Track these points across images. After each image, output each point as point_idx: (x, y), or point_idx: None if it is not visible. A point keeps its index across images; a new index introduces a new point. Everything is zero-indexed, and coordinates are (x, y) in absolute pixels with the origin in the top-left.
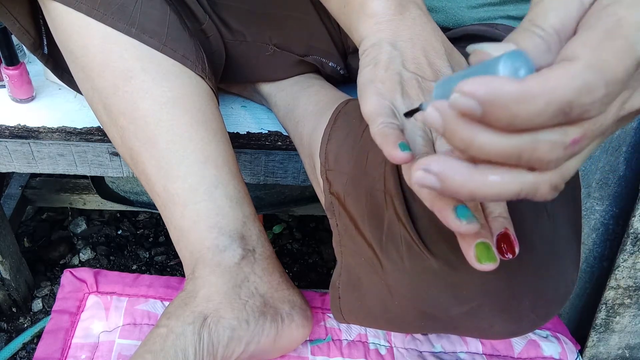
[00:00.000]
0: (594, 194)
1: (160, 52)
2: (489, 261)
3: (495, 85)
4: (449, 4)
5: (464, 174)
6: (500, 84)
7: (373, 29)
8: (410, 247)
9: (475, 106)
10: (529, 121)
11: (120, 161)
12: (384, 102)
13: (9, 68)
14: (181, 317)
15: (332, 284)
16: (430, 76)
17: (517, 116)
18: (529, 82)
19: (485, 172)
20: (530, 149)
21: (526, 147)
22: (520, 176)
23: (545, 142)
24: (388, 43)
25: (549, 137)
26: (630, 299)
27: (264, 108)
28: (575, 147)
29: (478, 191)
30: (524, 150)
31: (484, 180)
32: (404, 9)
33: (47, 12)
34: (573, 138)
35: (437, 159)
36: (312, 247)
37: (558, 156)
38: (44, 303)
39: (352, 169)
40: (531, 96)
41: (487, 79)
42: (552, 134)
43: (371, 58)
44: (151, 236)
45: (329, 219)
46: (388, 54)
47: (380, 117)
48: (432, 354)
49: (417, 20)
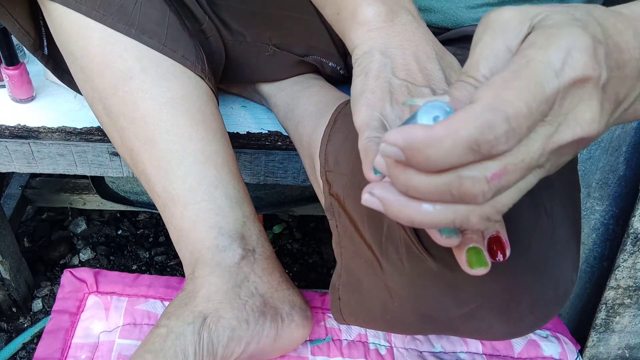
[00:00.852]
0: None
1: (160, 52)
2: (479, 266)
3: (408, 132)
4: (447, 5)
5: (400, 202)
6: (413, 130)
7: (364, 37)
8: (409, 249)
9: (399, 153)
10: (444, 160)
11: (120, 161)
12: (373, 114)
13: (9, 68)
14: (181, 317)
15: (332, 285)
16: (421, 82)
17: (430, 157)
18: (436, 127)
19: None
20: (457, 185)
21: (452, 184)
22: (451, 206)
23: (467, 178)
24: (378, 51)
25: (469, 173)
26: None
27: (264, 108)
28: (499, 180)
29: (414, 218)
30: (452, 187)
31: (418, 208)
32: (395, 15)
33: (47, 13)
34: (493, 172)
35: (379, 185)
36: (312, 247)
37: (483, 189)
38: (44, 303)
39: (351, 170)
40: (438, 139)
41: (405, 127)
42: (471, 170)
43: (362, 67)
44: (151, 236)
45: (329, 220)
46: (378, 62)
47: (367, 131)
48: (432, 354)
49: (407, 26)
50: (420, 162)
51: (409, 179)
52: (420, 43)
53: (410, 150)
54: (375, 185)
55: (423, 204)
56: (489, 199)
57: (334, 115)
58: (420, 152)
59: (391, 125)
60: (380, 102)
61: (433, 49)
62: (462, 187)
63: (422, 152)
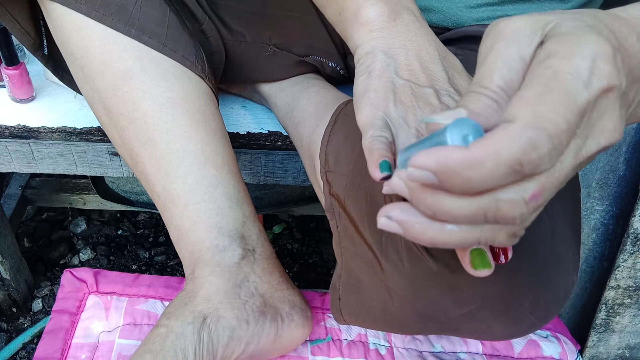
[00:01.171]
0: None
1: (160, 52)
2: (483, 267)
3: (443, 155)
4: (448, 5)
5: (422, 224)
6: (448, 153)
7: (367, 37)
8: (410, 249)
9: (431, 177)
10: (483, 183)
11: (120, 161)
12: (377, 113)
13: (9, 68)
14: (181, 317)
15: (332, 285)
16: (424, 82)
17: (470, 181)
18: (473, 148)
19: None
20: (494, 209)
21: (489, 207)
22: (478, 226)
23: (506, 200)
24: (381, 51)
25: (508, 195)
26: (630, 299)
27: (264, 108)
28: (536, 201)
29: (437, 239)
30: (488, 211)
31: (442, 229)
32: (397, 16)
33: (46, 13)
34: (532, 193)
35: (397, 208)
36: (312, 247)
37: (522, 212)
38: (44, 303)
39: (352, 170)
40: (478, 161)
41: (436, 150)
42: (510, 192)
43: (365, 67)
44: (151, 236)
45: (329, 220)
46: (381, 62)
47: (371, 130)
48: (432, 354)
49: (410, 26)
50: (456, 186)
51: (438, 203)
52: (423, 43)
53: (446, 174)
54: (393, 207)
55: (447, 225)
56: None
57: (334, 116)
58: (458, 176)
59: (394, 125)
60: (383, 101)
61: (436, 49)
62: (499, 210)
63: (460, 175)
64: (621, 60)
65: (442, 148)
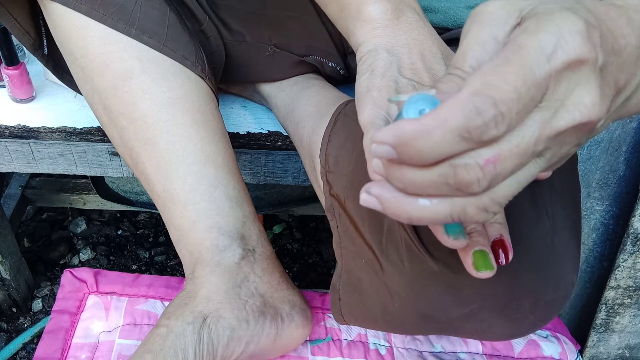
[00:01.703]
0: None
1: (160, 52)
2: (485, 269)
3: (397, 128)
4: (448, 5)
5: (397, 198)
6: (401, 125)
7: (369, 35)
8: (410, 249)
9: (390, 150)
10: (436, 151)
11: (120, 161)
12: (379, 112)
13: (9, 68)
14: (181, 317)
15: (332, 285)
16: (427, 81)
17: (422, 150)
18: (424, 118)
19: (415, 197)
20: (452, 174)
21: (447, 174)
22: (448, 200)
23: (461, 166)
24: (384, 49)
25: (462, 160)
26: (630, 299)
27: (264, 108)
28: (494, 166)
29: (412, 214)
30: (447, 177)
31: (415, 204)
32: (401, 14)
33: (46, 13)
34: (486, 158)
35: (376, 184)
36: (312, 247)
37: (478, 176)
38: (44, 303)
39: (352, 171)
40: (427, 130)
41: (392, 125)
42: (465, 158)
43: (368, 65)
44: (151, 236)
45: (329, 220)
46: (384, 60)
47: (372, 129)
48: (432, 354)
49: (413, 24)
50: (412, 157)
51: (404, 175)
52: (426, 42)
53: (400, 146)
54: (373, 184)
55: (420, 199)
56: (485, 186)
57: (334, 116)
58: (411, 146)
59: None
60: (386, 101)
61: (439, 48)
62: (456, 175)
63: (412, 145)
64: (600, 37)
65: (398, 122)
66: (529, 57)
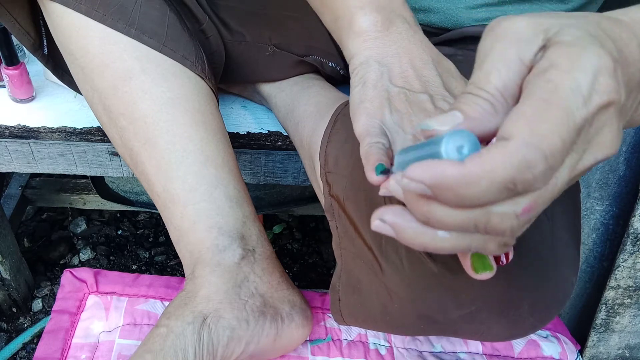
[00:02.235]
0: (594, 194)
1: (160, 52)
2: (485, 270)
3: (438, 170)
4: (447, 5)
5: (414, 228)
6: (442, 169)
7: (361, 47)
8: (409, 250)
9: (425, 189)
10: (477, 199)
11: (120, 161)
12: (373, 121)
13: (9, 68)
14: (181, 317)
15: (332, 286)
16: (418, 88)
17: (463, 196)
18: (469, 165)
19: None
20: (485, 221)
21: (480, 219)
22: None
23: (497, 214)
24: (375, 61)
25: (500, 209)
26: (630, 299)
27: (264, 108)
28: (528, 214)
29: (429, 245)
30: (478, 222)
31: (434, 236)
32: (391, 24)
33: (46, 13)
34: (524, 207)
35: (390, 211)
36: (312, 247)
37: (512, 225)
38: (44, 303)
39: (351, 172)
40: (473, 178)
41: (430, 163)
42: (502, 206)
43: (359, 77)
44: (151, 236)
45: (329, 221)
46: (375, 72)
47: (368, 137)
48: (432, 354)
49: (403, 34)
50: (450, 200)
51: (432, 212)
52: (415, 50)
53: (439, 188)
54: (387, 210)
55: (439, 232)
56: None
57: (334, 116)
58: (452, 191)
59: (391, 132)
60: (379, 110)
61: (429, 55)
62: (490, 222)
63: (454, 191)
64: (621, 72)
65: (437, 162)
66: (567, 101)
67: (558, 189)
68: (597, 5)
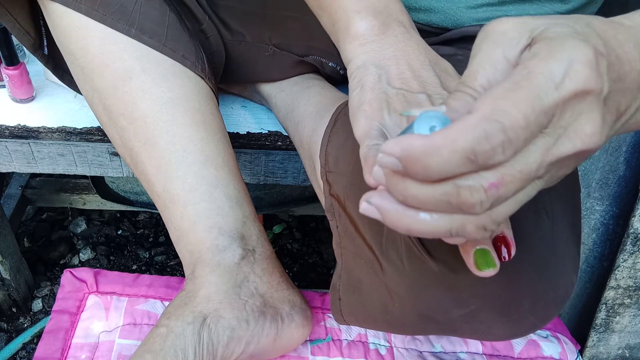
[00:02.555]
0: (594, 194)
1: (160, 52)
2: (488, 267)
3: (406, 142)
4: (447, 5)
5: (398, 210)
6: (411, 140)
7: (358, 51)
8: (410, 249)
9: (396, 162)
10: (442, 170)
11: (120, 161)
12: (372, 124)
13: (9, 68)
14: (181, 317)
15: (332, 285)
16: (416, 88)
17: (428, 167)
18: (433, 136)
19: (416, 210)
20: (455, 194)
21: (450, 193)
22: (448, 216)
23: (465, 187)
24: (372, 64)
25: (466, 182)
26: (630, 299)
27: (264, 108)
28: (497, 190)
29: (411, 227)
30: (450, 196)
31: (416, 217)
32: (387, 28)
33: (46, 13)
34: (490, 182)
35: (377, 194)
36: (312, 247)
37: (481, 198)
38: (44, 303)
39: (352, 171)
40: (436, 148)
41: (401, 138)
42: (468, 180)
43: (357, 81)
44: (151, 236)
45: (329, 220)
46: (373, 75)
47: (367, 140)
48: (432, 354)
49: (399, 37)
50: (418, 172)
51: (407, 188)
52: (412, 52)
53: (407, 160)
54: (373, 193)
55: (420, 213)
56: (487, 208)
57: (334, 116)
58: (418, 162)
59: (390, 134)
60: (378, 112)
61: (426, 57)
62: (459, 196)
63: (420, 161)
64: (607, 67)
65: (407, 136)
66: (538, 84)
67: (530, 170)
68: (597, 6)
